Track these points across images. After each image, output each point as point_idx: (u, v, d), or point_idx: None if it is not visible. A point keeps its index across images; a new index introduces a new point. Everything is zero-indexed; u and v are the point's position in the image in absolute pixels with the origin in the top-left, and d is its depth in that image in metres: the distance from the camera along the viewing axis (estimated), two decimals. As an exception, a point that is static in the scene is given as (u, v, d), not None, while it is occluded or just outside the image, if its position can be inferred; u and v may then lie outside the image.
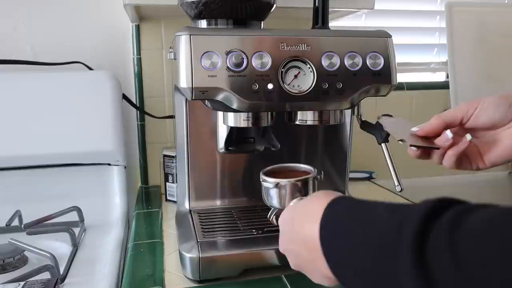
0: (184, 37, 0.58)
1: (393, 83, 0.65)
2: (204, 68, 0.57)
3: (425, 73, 1.35)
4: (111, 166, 0.95)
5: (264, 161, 0.79)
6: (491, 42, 1.15)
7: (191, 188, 0.77)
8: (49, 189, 0.92)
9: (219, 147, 0.76)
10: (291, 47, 0.60)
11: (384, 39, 0.64)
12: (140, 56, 1.03)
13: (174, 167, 0.94)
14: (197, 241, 0.63)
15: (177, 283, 0.61)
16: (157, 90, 1.05)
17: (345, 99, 0.62)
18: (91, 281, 0.65)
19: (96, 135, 0.91)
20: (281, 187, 0.58)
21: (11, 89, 0.89)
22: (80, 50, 1.03)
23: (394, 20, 1.26)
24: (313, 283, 0.60)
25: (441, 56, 1.31)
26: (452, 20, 1.10)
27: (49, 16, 1.01)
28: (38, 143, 0.88)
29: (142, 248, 0.72)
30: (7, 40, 0.99)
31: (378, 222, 0.34)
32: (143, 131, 1.06)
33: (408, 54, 1.29)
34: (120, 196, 0.95)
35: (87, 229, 0.86)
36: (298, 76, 0.61)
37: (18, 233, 0.77)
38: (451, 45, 1.10)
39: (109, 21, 1.04)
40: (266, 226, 0.68)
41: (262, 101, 0.59)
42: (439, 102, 1.25)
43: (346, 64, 0.62)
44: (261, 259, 0.62)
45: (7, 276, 0.66)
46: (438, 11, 1.29)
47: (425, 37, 1.31)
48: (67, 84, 0.91)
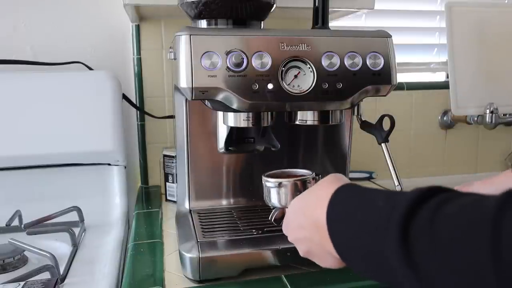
0: (184, 37, 0.58)
1: (393, 83, 0.65)
2: (204, 68, 0.57)
3: (425, 73, 1.35)
4: (111, 166, 0.95)
5: (264, 161, 0.79)
6: (491, 42, 1.14)
7: (191, 188, 0.77)
8: (49, 189, 0.92)
9: (219, 147, 0.76)
10: (291, 47, 0.60)
11: (384, 39, 0.64)
12: (140, 56, 1.03)
13: (174, 167, 0.94)
14: (197, 241, 0.63)
15: (177, 283, 0.61)
16: (157, 90, 1.05)
17: (345, 99, 0.63)
18: (91, 281, 0.65)
19: (96, 135, 0.91)
20: (283, 187, 0.59)
21: (11, 89, 0.89)
22: (80, 50, 1.03)
23: (394, 20, 1.26)
24: (313, 283, 0.60)
25: (441, 56, 1.31)
26: (452, 20, 1.10)
27: (49, 16, 1.01)
28: (38, 143, 0.88)
29: (142, 248, 0.72)
30: (7, 40, 0.99)
31: (375, 208, 0.38)
32: (143, 131, 1.06)
33: (408, 54, 1.29)
34: (120, 196, 0.95)
35: (87, 229, 0.86)
36: (298, 76, 0.61)
37: (18, 233, 0.77)
38: (451, 45, 1.10)
39: (109, 21, 1.04)
40: (266, 226, 0.68)
41: (262, 101, 0.59)
42: (439, 102, 1.25)
43: (346, 64, 0.62)
44: (261, 259, 0.62)
45: (7, 276, 0.66)
46: (438, 11, 1.29)
47: (425, 37, 1.31)
48: (67, 84, 0.91)
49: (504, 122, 1.16)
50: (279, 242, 0.63)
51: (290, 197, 0.58)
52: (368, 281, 0.61)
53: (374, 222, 0.38)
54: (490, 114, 1.10)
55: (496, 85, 1.16)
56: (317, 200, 0.46)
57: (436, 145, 1.27)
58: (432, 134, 1.26)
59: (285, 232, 0.54)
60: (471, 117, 1.18)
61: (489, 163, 1.33)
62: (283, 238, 0.64)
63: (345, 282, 0.60)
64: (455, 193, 0.34)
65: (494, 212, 0.28)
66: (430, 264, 0.32)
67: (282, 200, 0.59)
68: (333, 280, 0.61)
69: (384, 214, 0.37)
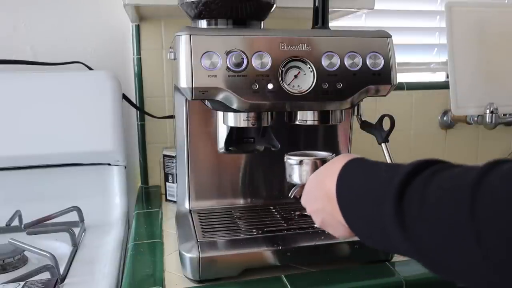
0: (184, 37, 0.58)
1: (393, 83, 0.65)
2: (204, 68, 0.57)
3: (425, 73, 1.35)
4: (111, 166, 0.95)
5: (264, 161, 0.79)
6: (491, 42, 1.14)
7: (191, 188, 0.77)
8: (49, 189, 0.92)
9: (219, 147, 0.76)
10: (291, 47, 0.60)
11: (384, 39, 0.64)
12: (140, 56, 1.03)
13: (174, 167, 0.94)
14: (197, 241, 0.63)
15: (177, 283, 0.61)
16: (157, 90, 1.05)
17: (345, 99, 0.63)
18: (91, 281, 0.65)
19: (96, 135, 0.91)
20: (304, 164, 0.62)
21: (11, 89, 0.89)
22: (80, 50, 1.03)
23: (394, 20, 1.26)
24: (313, 283, 0.60)
25: (441, 56, 1.31)
26: (452, 20, 1.10)
27: (49, 16, 1.01)
28: (38, 143, 0.88)
29: (142, 248, 0.72)
30: (7, 40, 0.99)
31: (378, 177, 0.42)
32: (143, 131, 1.06)
33: (408, 54, 1.29)
34: (120, 196, 0.95)
35: (87, 229, 0.86)
36: (298, 76, 0.61)
37: (18, 233, 0.77)
38: (451, 45, 1.10)
39: (109, 21, 1.04)
40: (266, 226, 0.68)
41: (262, 101, 0.60)
42: (439, 102, 1.25)
43: (346, 64, 0.62)
44: (261, 259, 0.62)
45: (7, 276, 0.66)
46: (438, 11, 1.29)
47: (425, 37, 1.31)
48: (67, 84, 0.91)
49: (504, 122, 1.16)
50: (279, 242, 0.63)
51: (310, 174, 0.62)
52: (368, 281, 0.61)
53: (376, 190, 0.41)
54: (490, 114, 1.10)
55: (496, 85, 1.16)
56: (329, 173, 0.49)
57: (436, 145, 1.27)
58: (432, 134, 1.26)
59: (304, 205, 0.57)
60: (471, 117, 1.18)
61: (489, 163, 1.33)
62: (283, 238, 0.64)
63: (345, 282, 0.60)
64: (448, 165, 0.38)
65: (474, 178, 0.32)
66: (419, 227, 0.35)
67: (303, 178, 0.63)
68: (333, 280, 0.61)
69: (384, 183, 0.40)
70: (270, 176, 0.80)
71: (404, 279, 0.61)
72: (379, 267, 0.64)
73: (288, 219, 0.71)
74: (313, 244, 0.63)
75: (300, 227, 0.68)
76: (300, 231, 0.66)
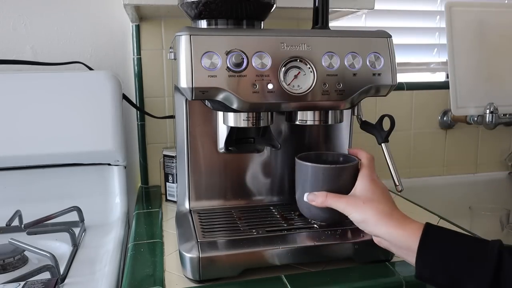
0: (184, 37, 0.58)
1: (393, 83, 0.65)
2: (204, 68, 0.57)
3: (425, 73, 1.35)
4: (111, 166, 0.95)
5: (264, 161, 0.79)
6: (491, 42, 1.15)
7: (191, 188, 0.77)
8: (49, 189, 0.92)
9: (219, 147, 0.76)
10: (291, 47, 0.60)
11: (384, 39, 0.64)
12: (140, 56, 1.03)
13: (174, 167, 0.94)
14: (197, 241, 0.63)
15: (177, 283, 0.61)
16: (157, 90, 1.05)
17: (345, 99, 0.63)
18: (91, 281, 0.65)
19: (96, 135, 0.91)
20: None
21: (11, 89, 0.89)
22: (80, 50, 1.03)
23: (394, 20, 1.26)
24: (313, 283, 0.60)
25: (441, 56, 1.32)
26: (452, 20, 1.10)
27: (49, 16, 1.01)
28: (38, 143, 0.88)
29: (142, 248, 0.72)
30: (7, 40, 0.99)
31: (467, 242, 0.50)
32: (143, 131, 1.06)
33: (408, 54, 1.29)
34: (120, 196, 0.95)
35: (87, 229, 0.86)
36: (298, 76, 0.61)
37: (18, 233, 0.78)
38: (451, 45, 1.10)
39: (109, 21, 1.04)
40: (266, 226, 0.68)
41: (262, 101, 0.59)
42: (439, 102, 1.25)
43: (346, 64, 0.62)
44: (261, 259, 0.62)
45: (7, 276, 0.66)
46: (438, 11, 1.29)
47: (425, 37, 1.31)
48: (67, 84, 0.91)
49: (504, 122, 1.16)
50: (279, 242, 0.63)
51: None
52: (368, 281, 0.61)
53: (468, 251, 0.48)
54: (490, 114, 1.10)
55: (496, 85, 1.16)
56: None
57: (436, 145, 1.27)
58: (432, 134, 1.26)
59: None
60: (471, 117, 1.18)
61: (489, 163, 1.33)
62: (283, 238, 0.64)
63: (345, 282, 0.60)
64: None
65: None
66: None
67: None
68: (333, 280, 0.61)
69: (477, 247, 0.48)
70: (270, 176, 0.80)
71: (404, 279, 0.61)
72: (379, 267, 0.64)
73: (288, 219, 0.71)
74: (313, 244, 0.63)
75: (300, 227, 0.68)
76: (300, 231, 0.67)
